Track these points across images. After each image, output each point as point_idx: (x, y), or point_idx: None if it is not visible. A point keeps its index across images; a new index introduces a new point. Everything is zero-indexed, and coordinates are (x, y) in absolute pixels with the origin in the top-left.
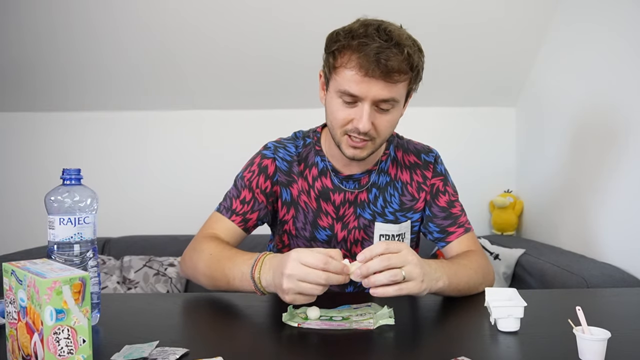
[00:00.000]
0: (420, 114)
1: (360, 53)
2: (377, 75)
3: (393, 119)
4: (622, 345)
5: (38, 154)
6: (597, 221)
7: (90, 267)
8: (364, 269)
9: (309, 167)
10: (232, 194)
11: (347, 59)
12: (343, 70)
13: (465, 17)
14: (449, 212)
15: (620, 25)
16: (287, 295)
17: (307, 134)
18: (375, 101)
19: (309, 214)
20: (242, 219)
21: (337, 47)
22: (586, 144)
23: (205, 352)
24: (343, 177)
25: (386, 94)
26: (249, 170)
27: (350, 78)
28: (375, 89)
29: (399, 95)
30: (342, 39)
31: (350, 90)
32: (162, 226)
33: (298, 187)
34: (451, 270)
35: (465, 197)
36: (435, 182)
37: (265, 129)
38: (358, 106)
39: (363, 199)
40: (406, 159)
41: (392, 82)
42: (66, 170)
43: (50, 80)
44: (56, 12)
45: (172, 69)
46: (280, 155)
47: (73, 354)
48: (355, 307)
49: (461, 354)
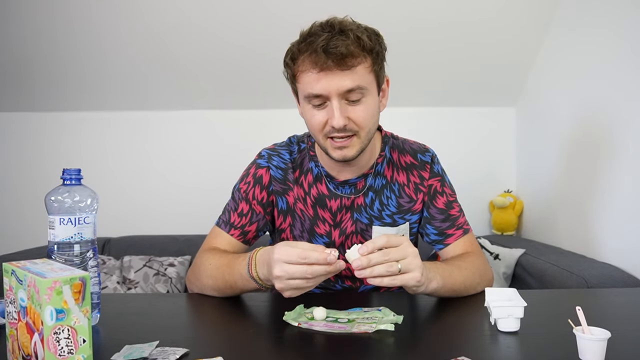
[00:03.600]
0: (420, 114)
1: (309, 51)
2: (331, 66)
3: (368, 108)
4: (622, 345)
5: (38, 154)
6: (597, 221)
7: (91, 267)
8: (365, 261)
9: (304, 174)
10: (230, 206)
11: (300, 63)
12: (301, 75)
13: (465, 17)
14: (447, 214)
15: (620, 26)
16: (284, 293)
17: (302, 139)
18: (341, 94)
19: (305, 221)
20: (241, 232)
21: (291, 56)
22: (586, 143)
23: (205, 352)
24: (339, 183)
25: (348, 83)
26: (245, 182)
27: (309, 79)
28: (335, 81)
29: (363, 82)
30: (293, 47)
31: (313, 91)
32: (162, 226)
33: (294, 194)
34: (446, 272)
35: (465, 197)
36: (433, 183)
37: (265, 129)
38: (328, 105)
39: (360, 203)
40: (402, 159)
41: (347, 68)
42: (66, 171)
43: (51, 80)
44: (56, 12)
45: (173, 69)
46: (274, 164)
47: (73, 354)
48: (366, 310)
49: (461, 354)
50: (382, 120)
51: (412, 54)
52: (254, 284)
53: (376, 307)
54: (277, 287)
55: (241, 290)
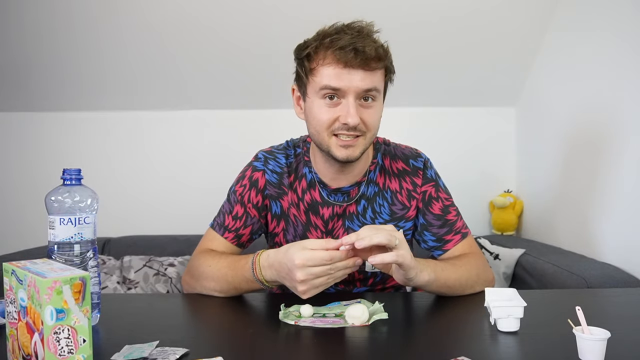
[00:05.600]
0: (420, 114)
1: (335, 47)
2: (356, 64)
3: (377, 112)
4: (622, 345)
5: (38, 154)
6: (597, 221)
7: (91, 267)
8: (367, 240)
9: (298, 179)
10: (226, 209)
11: (322, 56)
12: (321, 69)
13: (465, 17)
14: (444, 219)
15: (620, 27)
16: (306, 294)
17: (298, 144)
18: (358, 93)
19: (298, 227)
20: (235, 236)
21: (310, 50)
22: (586, 143)
23: (205, 352)
24: (331, 190)
25: (368, 83)
26: (241, 184)
27: (330, 73)
28: (357, 79)
29: (379, 85)
30: (313, 42)
31: (333, 84)
32: (162, 226)
33: (288, 199)
34: (438, 267)
35: (465, 197)
36: (427, 189)
37: (265, 129)
38: (342, 103)
39: (352, 211)
40: (394, 166)
41: (370, 70)
42: (66, 171)
43: (51, 80)
44: (56, 12)
45: (173, 69)
46: (270, 168)
47: (73, 354)
48: (346, 303)
49: (461, 354)
50: (382, 121)
51: (412, 54)
52: (259, 286)
53: (355, 300)
54: (300, 289)
55: (245, 291)
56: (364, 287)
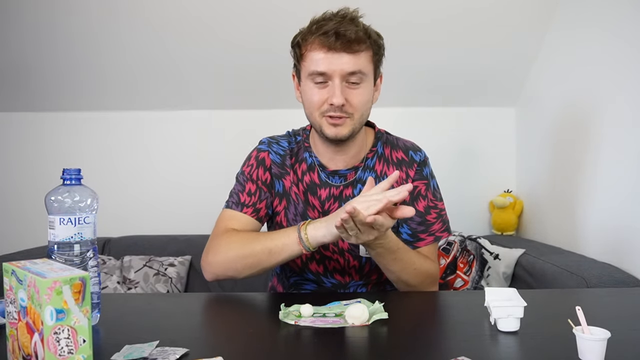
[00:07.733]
0: (420, 114)
1: (320, 33)
2: (338, 48)
3: (364, 94)
4: (622, 345)
5: (38, 154)
6: (597, 221)
7: (91, 267)
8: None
9: (299, 162)
10: (237, 189)
11: (310, 43)
12: (309, 54)
13: (465, 17)
14: (424, 218)
15: (620, 27)
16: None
17: (298, 132)
18: (343, 75)
19: (299, 205)
20: (254, 210)
21: (301, 37)
22: (586, 143)
23: (205, 352)
24: (329, 172)
25: (351, 66)
26: (248, 165)
27: (316, 57)
28: (340, 62)
29: (364, 68)
30: (304, 30)
31: (318, 69)
32: (162, 226)
33: (290, 178)
34: (401, 244)
35: (465, 197)
36: (418, 185)
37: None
38: (329, 85)
39: (348, 194)
40: (394, 155)
41: (353, 52)
42: (66, 170)
43: (51, 80)
44: (56, 12)
45: (173, 69)
46: (274, 149)
47: (73, 354)
48: (346, 303)
49: (461, 354)
50: (382, 120)
51: (411, 54)
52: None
53: (355, 300)
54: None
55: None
56: (360, 278)
